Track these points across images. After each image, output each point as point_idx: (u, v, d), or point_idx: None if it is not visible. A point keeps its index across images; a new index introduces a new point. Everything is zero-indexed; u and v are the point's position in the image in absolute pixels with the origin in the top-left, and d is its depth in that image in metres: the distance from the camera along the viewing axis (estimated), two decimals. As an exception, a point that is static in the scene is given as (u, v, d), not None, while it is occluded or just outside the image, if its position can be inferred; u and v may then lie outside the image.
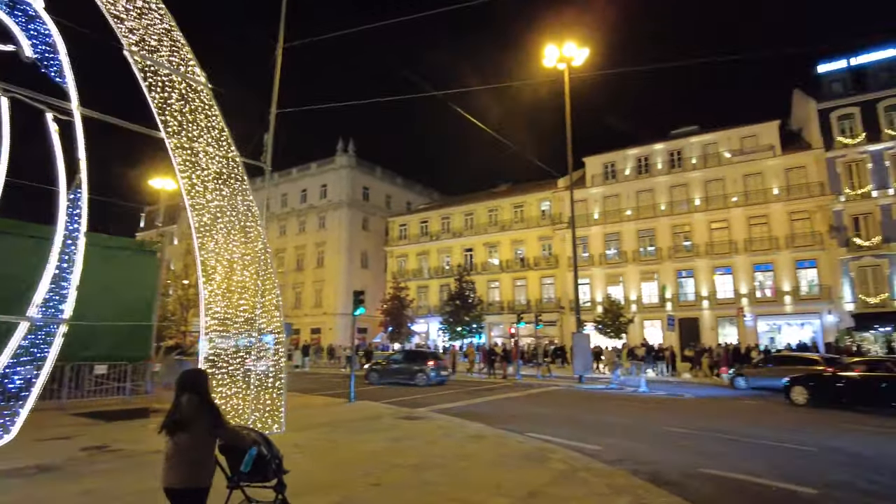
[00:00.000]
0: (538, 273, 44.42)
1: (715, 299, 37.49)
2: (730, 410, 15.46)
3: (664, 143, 42.04)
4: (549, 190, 45.26)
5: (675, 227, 39.75)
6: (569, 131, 24.87)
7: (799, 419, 13.34)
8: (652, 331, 39.05)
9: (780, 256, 35.73)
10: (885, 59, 36.52)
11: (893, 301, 32.40)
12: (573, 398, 17.91)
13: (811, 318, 34.52)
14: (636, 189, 41.67)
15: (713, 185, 39.03)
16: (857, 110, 35.45)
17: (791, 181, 36.39)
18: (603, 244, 41.96)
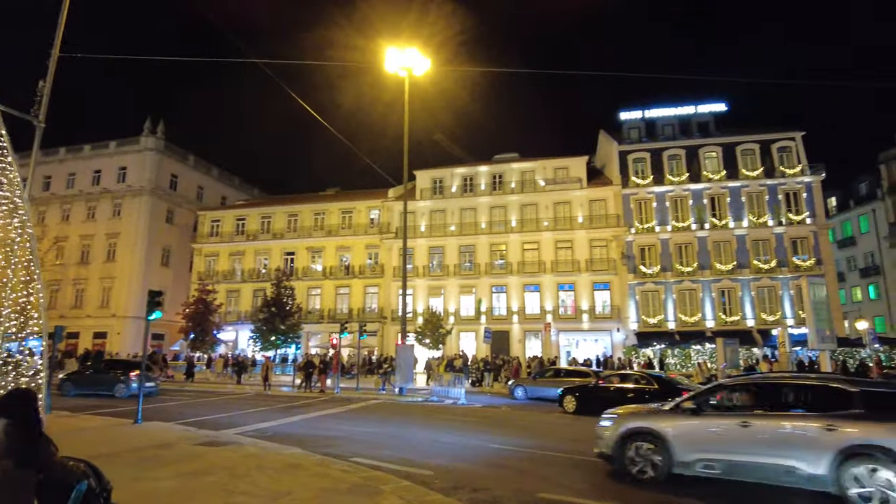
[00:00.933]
0: (363, 282, 43.52)
1: (524, 314, 40.08)
2: (540, 424, 16.04)
3: (488, 165, 44.25)
4: (380, 199, 44.81)
5: (493, 246, 41.85)
6: (405, 142, 24.53)
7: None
8: (467, 342, 40.43)
9: (581, 278, 39.47)
10: (669, 115, 42.76)
11: (667, 322, 37.62)
12: (396, 412, 17.27)
13: (603, 334, 38.59)
14: (461, 206, 43.11)
15: (528, 209, 41.91)
16: (647, 155, 40.83)
17: (593, 212, 40.55)
18: (428, 257, 42.57)
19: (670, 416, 8.35)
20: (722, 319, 37.02)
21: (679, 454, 7.83)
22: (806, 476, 6.96)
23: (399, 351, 22.20)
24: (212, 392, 24.37)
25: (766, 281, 37.15)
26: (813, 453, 6.93)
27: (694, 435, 7.93)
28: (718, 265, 37.77)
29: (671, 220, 39.32)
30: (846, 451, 6.68)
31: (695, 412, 8.12)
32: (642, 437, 8.24)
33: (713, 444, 7.72)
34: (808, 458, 6.95)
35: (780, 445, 7.23)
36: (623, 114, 43.32)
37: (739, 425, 7.53)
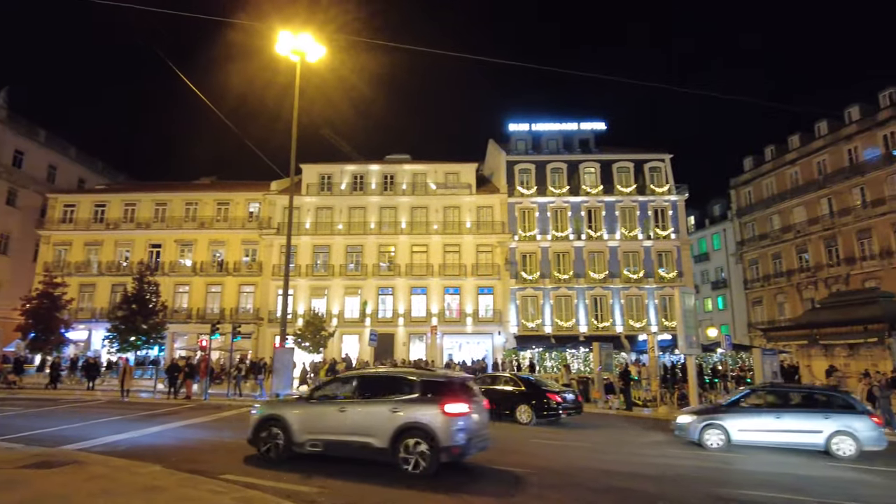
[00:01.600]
0: (238, 280, 40.75)
1: (410, 317, 39.76)
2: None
3: (380, 164, 43.52)
4: (261, 191, 42.28)
5: (382, 247, 41.14)
6: (294, 131, 23.09)
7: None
8: (350, 345, 39.31)
9: (467, 282, 39.98)
10: (554, 130, 44.75)
11: (544, 326, 39.17)
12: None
13: (485, 337, 39.32)
14: (350, 205, 41.91)
15: (418, 212, 41.75)
16: (532, 167, 42.38)
17: (481, 218, 41.29)
18: (312, 255, 40.84)
19: (293, 405, 10.04)
20: (594, 325, 39.27)
21: (295, 435, 9.34)
22: (376, 449, 8.72)
23: (277, 354, 20.74)
24: (52, 400, 21.21)
25: (634, 290, 39.98)
26: (382, 431, 8.69)
27: (306, 419, 9.48)
28: (592, 274, 40.05)
29: (551, 230, 41.08)
30: (400, 428, 8.59)
31: (308, 400, 9.90)
32: (273, 422, 9.60)
33: (318, 426, 9.32)
34: (378, 435, 8.73)
35: (361, 426, 8.98)
36: (512, 125, 44.64)
37: (338, 410, 9.24)
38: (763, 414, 12.63)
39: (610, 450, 12.46)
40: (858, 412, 12.26)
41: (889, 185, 35.05)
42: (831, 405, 12.48)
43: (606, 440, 14.01)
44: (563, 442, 13.40)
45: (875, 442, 11.85)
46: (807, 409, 12.52)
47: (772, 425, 12.33)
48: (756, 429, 12.42)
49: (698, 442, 12.52)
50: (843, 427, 11.93)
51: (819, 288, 38.50)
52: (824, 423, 12.07)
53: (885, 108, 36.20)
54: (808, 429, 12.17)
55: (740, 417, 12.62)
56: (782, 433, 12.27)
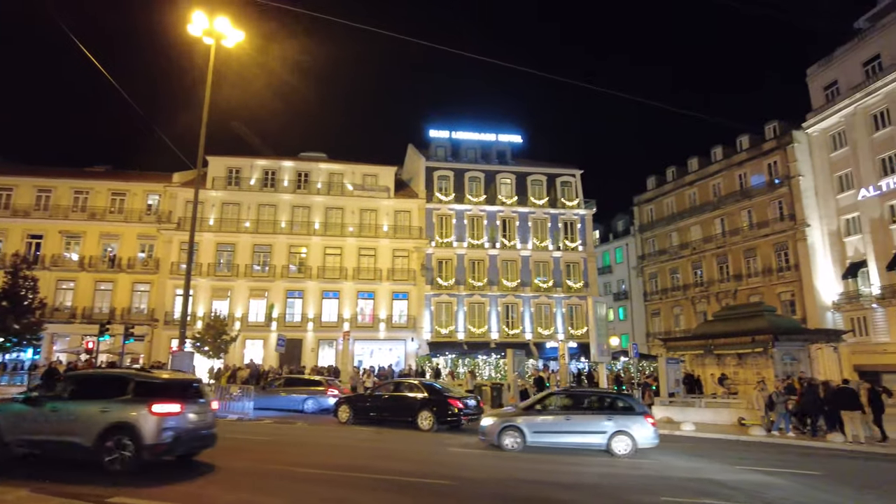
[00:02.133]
0: (132, 277, 37.51)
1: (320, 322, 38.42)
2: (339, 439, 14.93)
3: (294, 161, 41.91)
4: (162, 183, 39.30)
5: (293, 248, 39.52)
6: (205, 118, 21.54)
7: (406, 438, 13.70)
8: (253, 350, 37.35)
9: (382, 287, 39.26)
10: (473, 140, 45.23)
11: (457, 333, 39.24)
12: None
13: (398, 344, 38.75)
14: (259, 202, 39.94)
15: (334, 213, 40.54)
16: (451, 174, 42.56)
17: (398, 222, 40.78)
18: (215, 254, 38.41)
19: (8, 405, 9.88)
20: (505, 332, 39.87)
21: (5, 436, 9.13)
22: (82, 448, 8.66)
23: (175, 359, 19.06)
24: None
25: (543, 299, 41.07)
26: (89, 430, 8.66)
27: (19, 420, 9.25)
28: (505, 282, 40.71)
29: (468, 237, 41.38)
30: (106, 428, 8.63)
31: (25, 402, 9.58)
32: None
33: (28, 427, 9.12)
34: (84, 434, 8.68)
35: (68, 426, 8.88)
36: (432, 132, 44.61)
37: (49, 411, 9.10)
38: (556, 416, 13.13)
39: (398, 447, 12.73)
40: (637, 413, 13.01)
41: (771, 209, 38.42)
42: (614, 407, 13.19)
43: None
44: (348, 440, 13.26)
45: (648, 440, 12.70)
46: (594, 411, 13.19)
47: (563, 427, 12.91)
48: (549, 430, 12.92)
49: (497, 444, 12.79)
50: (623, 427, 12.63)
51: (711, 301, 41.43)
52: (607, 425, 12.73)
53: (770, 140, 39.75)
54: (593, 430, 12.80)
55: (535, 420, 13.03)
56: (572, 434, 12.88)
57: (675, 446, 14.61)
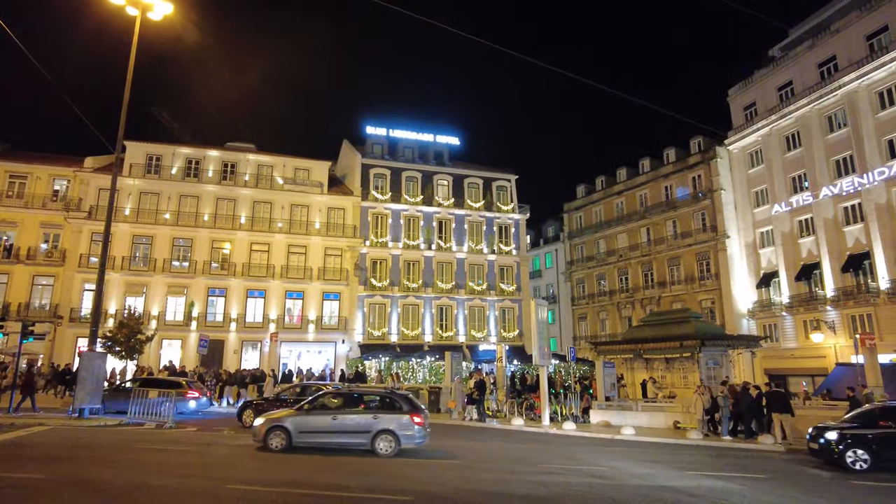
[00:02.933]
0: (32, 269, 33.86)
1: (244, 322, 36.38)
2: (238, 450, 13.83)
3: (220, 151, 39.54)
4: (72, 167, 35.85)
5: (216, 242, 37.21)
6: (126, 95, 19.66)
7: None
8: (171, 352, 34.80)
9: (312, 286, 37.74)
10: (411, 139, 44.57)
11: (390, 335, 38.38)
12: (73, 446, 12.85)
13: (328, 346, 37.37)
14: (181, 192, 37.31)
15: (262, 207, 38.56)
16: (388, 173, 41.70)
17: (331, 219, 39.40)
18: (130, 247, 35.46)
19: None
20: (438, 334, 39.46)
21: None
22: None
23: (84, 360, 17.11)
24: None
25: (477, 301, 41.02)
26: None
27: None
28: (440, 284, 40.33)
29: (403, 238, 40.65)
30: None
31: None
32: None
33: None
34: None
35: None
36: (369, 128, 43.53)
37: None
38: (323, 416, 12.76)
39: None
40: (403, 412, 12.64)
41: (695, 220, 40.37)
42: (382, 406, 12.91)
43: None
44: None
45: (413, 440, 12.48)
46: (361, 411, 12.89)
47: (329, 426, 12.58)
48: (315, 430, 12.59)
49: (264, 444, 12.39)
50: (387, 426, 12.39)
51: (636, 307, 42.95)
52: (372, 424, 12.49)
53: (695, 154, 41.82)
54: (358, 429, 12.55)
55: (302, 420, 12.66)
56: (337, 434, 12.57)
57: (621, 451, 14.65)
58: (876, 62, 30.59)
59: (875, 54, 30.89)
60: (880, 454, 12.31)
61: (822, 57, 34.46)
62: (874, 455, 12.28)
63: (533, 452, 14.29)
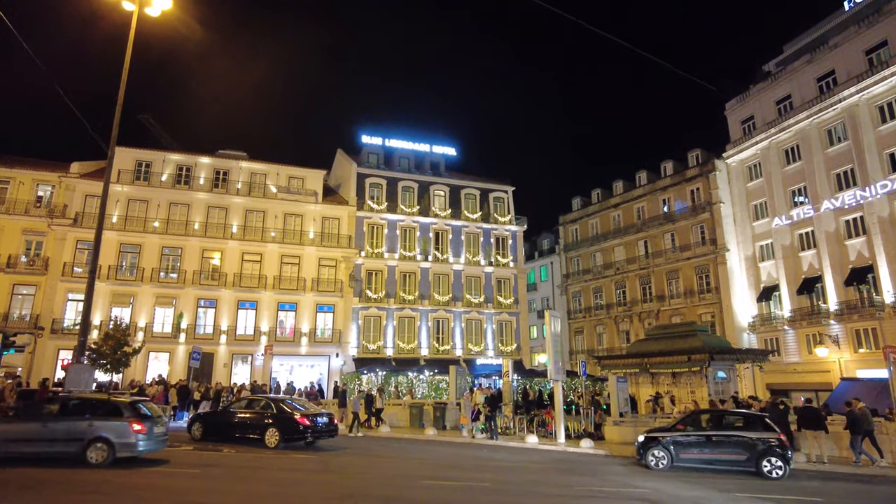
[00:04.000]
0: (12, 278, 32.33)
1: (234, 334, 35.12)
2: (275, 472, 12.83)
3: (212, 158, 38.48)
4: (57, 172, 34.55)
5: (206, 252, 36.02)
6: (121, 95, 18.65)
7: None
8: (158, 365, 33.42)
9: (305, 298, 36.63)
10: (407, 149, 43.94)
11: (385, 349, 37.33)
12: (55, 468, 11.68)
13: (321, 360, 36.20)
14: (171, 200, 36.14)
15: (254, 216, 37.50)
16: (384, 183, 40.91)
17: (325, 229, 38.44)
18: (117, 255, 34.12)
19: None
20: (435, 348, 38.49)
21: None
22: None
23: (71, 373, 15.92)
24: None
25: (474, 314, 40.17)
26: None
27: None
28: (437, 296, 39.45)
29: (400, 249, 39.78)
30: None
31: None
32: None
33: None
34: None
35: None
36: (365, 137, 42.80)
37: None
38: (33, 423, 11.63)
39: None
40: (123, 418, 11.60)
41: (693, 233, 40.09)
42: (96, 411, 11.75)
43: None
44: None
45: (131, 449, 11.47)
46: (74, 416, 11.63)
47: (38, 434, 11.40)
48: (22, 438, 11.44)
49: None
50: (102, 434, 11.34)
51: (634, 321, 42.45)
52: (86, 430, 11.34)
53: (693, 167, 41.67)
54: (69, 437, 11.36)
55: (8, 428, 11.76)
56: (47, 443, 11.35)
57: (654, 472, 13.75)
58: (876, 76, 30.66)
59: (875, 69, 30.97)
60: (677, 455, 13.91)
61: (820, 71, 34.55)
62: (670, 455, 13.90)
63: (562, 474, 13.41)
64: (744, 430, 13.72)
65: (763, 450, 13.07)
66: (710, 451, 13.73)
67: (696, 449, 13.92)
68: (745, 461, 13.27)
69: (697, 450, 13.89)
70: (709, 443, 13.76)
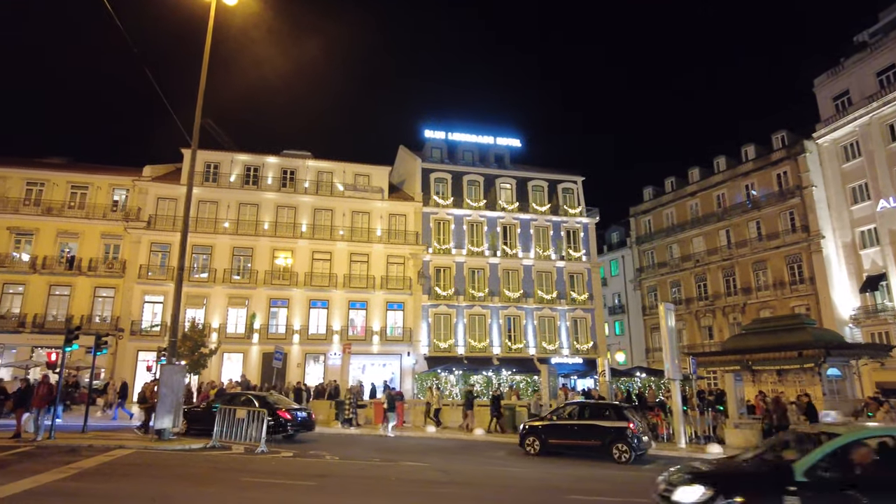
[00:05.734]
0: (93, 281, 33.05)
1: (306, 333, 34.82)
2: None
3: (279, 157, 38.38)
4: (131, 176, 35.13)
5: (277, 251, 35.88)
6: (201, 90, 18.27)
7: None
8: (231, 366, 33.45)
9: (375, 296, 36.01)
10: (470, 142, 42.82)
11: (457, 347, 36.26)
12: (165, 477, 11.06)
13: (393, 358, 35.47)
14: (240, 200, 36.23)
15: (322, 214, 37.19)
16: (449, 177, 39.89)
17: (392, 226, 37.72)
18: (189, 257, 34.18)
19: None
20: (507, 346, 37.16)
21: None
22: None
23: (164, 374, 15.51)
24: None
25: (547, 311, 38.60)
26: None
27: None
28: (507, 292, 38.09)
29: (467, 244, 38.65)
30: None
31: None
32: None
33: None
34: None
35: None
36: (428, 132, 41.95)
37: None
38: None
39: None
40: None
41: (782, 220, 37.24)
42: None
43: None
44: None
45: None
46: None
47: None
48: None
49: None
50: None
51: (717, 316, 39.88)
52: None
53: (778, 150, 38.75)
54: None
55: None
56: None
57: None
58: None
59: None
60: (545, 441, 15.47)
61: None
62: (541, 441, 15.50)
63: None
64: (599, 419, 15.15)
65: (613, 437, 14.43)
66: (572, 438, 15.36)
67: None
68: (600, 447, 14.58)
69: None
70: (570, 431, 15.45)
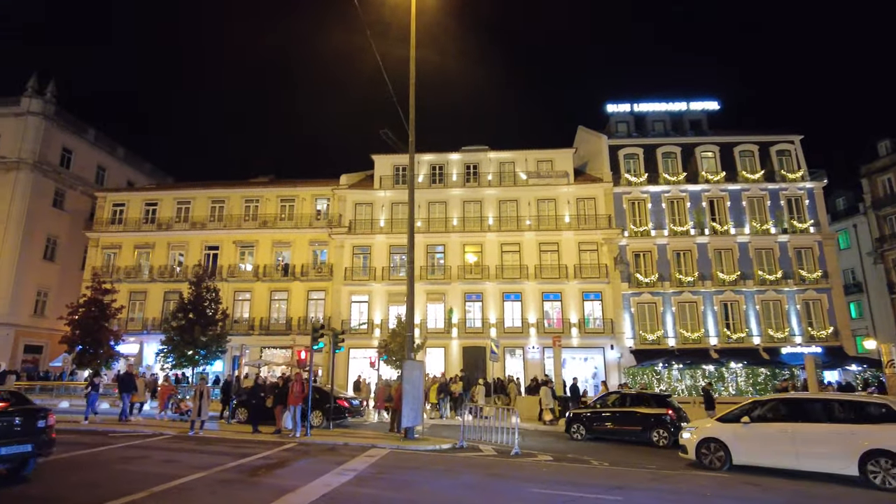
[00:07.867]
0: (305, 285, 35.74)
1: (502, 327, 34.06)
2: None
3: (460, 153, 38.20)
4: (329, 186, 37.43)
5: (467, 246, 35.68)
6: (412, 93, 18.12)
7: None
8: (432, 360, 33.83)
9: (569, 286, 34.11)
10: (660, 111, 38.84)
11: (666, 339, 32.92)
12: (452, 488, 10.41)
13: (595, 352, 33.28)
14: (428, 199, 36.64)
15: (507, 206, 36.23)
16: (640, 151, 36.50)
17: (581, 211, 35.48)
18: (388, 257, 35.64)
19: None
20: (725, 335, 32.86)
21: None
22: None
23: (406, 372, 15.36)
24: (95, 435, 16.15)
25: (771, 294, 33.47)
26: None
27: None
28: (721, 275, 33.71)
29: (668, 224, 34.99)
30: None
31: None
32: None
33: None
34: None
35: None
36: (610, 106, 38.85)
37: None
38: None
39: None
40: None
41: None
42: None
43: None
44: None
45: None
46: None
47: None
48: None
49: None
50: None
51: None
52: None
53: None
54: None
55: None
56: None
57: None
58: None
59: None
60: (590, 427, 17.29)
61: None
62: (586, 427, 17.32)
63: None
64: (640, 406, 16.51)
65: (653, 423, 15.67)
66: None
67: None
68: (640, 432, 15.89)
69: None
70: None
